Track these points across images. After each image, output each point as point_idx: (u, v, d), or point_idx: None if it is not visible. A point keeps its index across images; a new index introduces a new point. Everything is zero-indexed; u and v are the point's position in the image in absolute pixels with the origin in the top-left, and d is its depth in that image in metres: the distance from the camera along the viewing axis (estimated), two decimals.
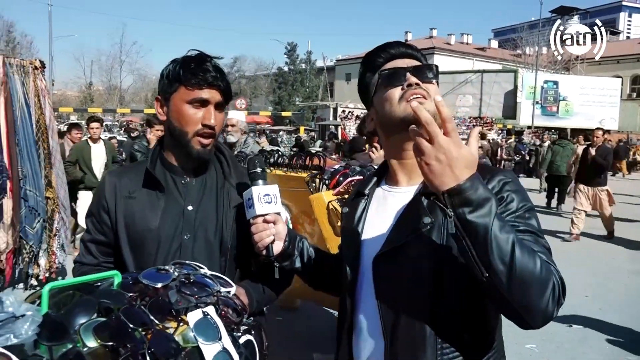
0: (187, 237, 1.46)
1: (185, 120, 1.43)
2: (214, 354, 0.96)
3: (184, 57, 1.48)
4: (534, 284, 0.98)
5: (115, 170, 1.65)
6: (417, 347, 1.16)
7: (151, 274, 1.04)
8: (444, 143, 0.94)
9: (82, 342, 0.83)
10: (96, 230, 1.52)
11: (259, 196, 1.33)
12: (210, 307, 1.02)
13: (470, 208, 0.94)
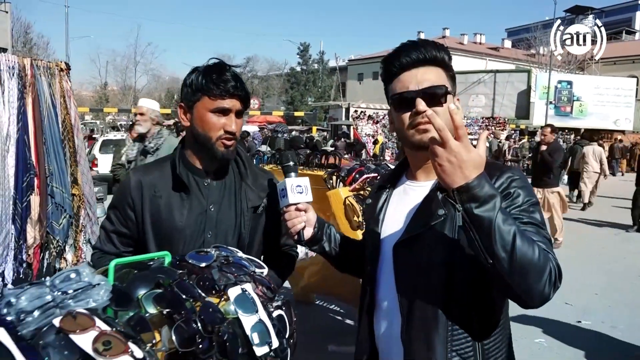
0: (210, 235, 1.60)
1: (209, 127, 1.57)
2: (252, 324, 1.10)
3: (205, 67, 1.60)
4: (533, 270, 1.11)
5: (139, 168, 1.79)
6: (430, 325, 1.29)
7: (195, 256, 1.19)
8: (455, 147, 1.08)
9: (144, 308, 0.97)
10: (120, 223, 1.66)
11: (292, 187, 1.46)
12: (248, 285, 1.16)
13: (477, 203, 1.08)
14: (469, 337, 1.29)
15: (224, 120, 1.56)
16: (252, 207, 1.65)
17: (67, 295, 0.89)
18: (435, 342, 1.28)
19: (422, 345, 1.30)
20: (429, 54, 1.33)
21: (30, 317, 0.83)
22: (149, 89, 54.24)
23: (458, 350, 1.28)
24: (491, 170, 1.27)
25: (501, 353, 1.33)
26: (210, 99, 1.55)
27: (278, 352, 1.15)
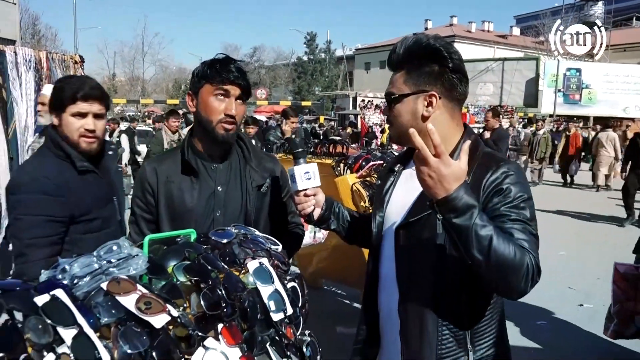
0: (218, 213, 1.76)
1: (211, 110, 1.72)
2: (269, 293, 1.23)
3: (211, 59, 1.76)
4: (509, 269, 1.23)
5: (154, 159, 1.95)
6: (424, 302, 1.43)
7: (217, 233, 1.32)
8: (434, 163, 1.20)
9: (175, 277, 1.11)
10: (142, 210, 1.82)
11: (300, 174, 1.59)
12: (264, 259, 1.29)
13: (455, 214, 1.20)
14: (459, 315, 1.41)
15: (224, 105, 1.71)
16: (257, 186, 1.81)
17: (111, 264, 1.03)
18: (427, 317, 1.41)
19: (415, 319, 1.43)
20: (394, 60, 1.48)
21: (82, 282, 0.97)
22: (156, 80, 54.50)
23: (448, 325, 1.41)
24: (490, 163, 1.39)
25: (490, 329, 1.45)
26: (212, 85, 1.71)
27: (292, 319, 1.29)
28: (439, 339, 1.40)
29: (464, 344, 1.40)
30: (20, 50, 4.95)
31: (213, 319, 1.10)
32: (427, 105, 1.42)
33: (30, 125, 4.85)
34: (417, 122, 1.42)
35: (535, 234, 1.33)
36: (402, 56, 1.46)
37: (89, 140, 2.02)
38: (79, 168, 2.00)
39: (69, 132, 2.00)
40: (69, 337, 0.85)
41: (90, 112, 2.01)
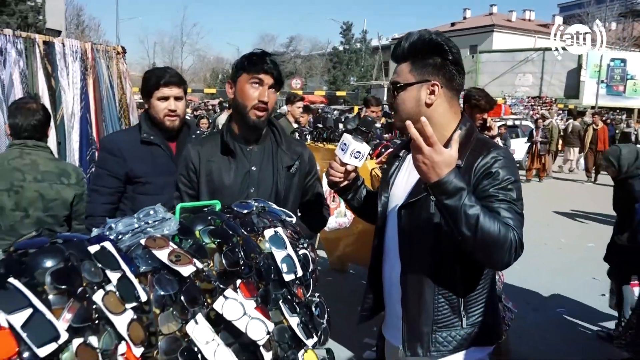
0: (252, 190, 1.96)
1: (246, 97, 1.94)
2: (282, 257, 1.42)
3: (249, 52, 1.99)
4: (493, 244, 1.39)
5: (196, 142, 2.18)
6: (422, 272, 1.59)
7: (239, 205, 1.51)
8: (427, 152, 1.36)
9: (202, 239, 1.31)
10: (186, 186, 2.04)
11: (353, 150, 1.70)
12: (279, 228, 1.48)
13: (446, 196, 1.37)
14: (454, 285, 1.58)
15: (258, 92, 1.93)
16: (286, 166, 2.01)
17: (148, 225, 1.23)
18: (425, 286, 1.58)
19: (415, 288, 1.60)
20: (399, 53, 1.63)
21: (124, 237, 1.18)
22: (194, 69, 55.48)
23: (444, 293, 1.57)
24: (481, 149, 1.55)
25: (482, 299, 1.61)
26: (247, 75, 1.94)
27: (302, 280, 1.48)
28: (435, 306, 1.57)
29: (457, 311, 1.56)
30: (68, 41, 5.28)
31: (232, 275, 1.30)
32: (430, 93, 1.58)
33: (76, 112, 5.18)
34: (420, 109, 1.58)
35: (520, 213, 1.48)
36: (408, 49, 1.61)
37: (171, 118, 2.45)
38: (142, 139, 2.43)
39: (156, 113, 2.44)
40: (115, 278, 1.06)
41: (171, 96, 2.42)
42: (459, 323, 1.58)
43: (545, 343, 3.84)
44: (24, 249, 1.04)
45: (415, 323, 1.59)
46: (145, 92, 2.47)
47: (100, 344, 1.00)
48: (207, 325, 1.19)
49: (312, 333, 1.45)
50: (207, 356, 1.16)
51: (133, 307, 1.07)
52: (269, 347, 1.31)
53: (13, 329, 0.89)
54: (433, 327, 1.57)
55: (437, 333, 1.57)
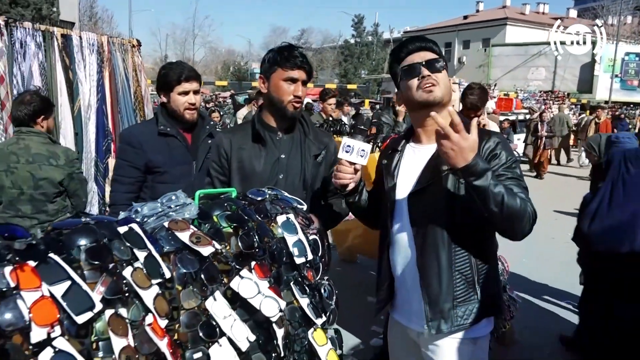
0: (281, 176, 2.05)
1: (282, 92, 2.03)
2: (294, 241, 1.51)
3: (279, 47, 2.07)
4: (517, 217, 1.54)
5: (227, 130, 2.30)
6: (439, 253, 1.69)
7: (254, 192, 1.61)
8: (455, 139, 1.47)
9: (219, 223, 1.41)
10: (217, 172, 2.14)
11: (358, 149, 1.75)
12: (291, 214, 1.57)
13: (475, 177, 1.48)
14: (468, 261, 1.70)
15: (293, 87, 2.02)
16: (314, 155, 2.11)
17: (171, 209, 1.33)
18: (443, 266, 1.68)
19: (434, 268, 1.70)
20: (427, 43, 1.74)
21: (149, 220, 1.28)
22: (206, 62, 55.62)
23: (460, 269, 1.68)
24: (482, 134, 1.65)
25: (490, 274, 1.74)
26: (282, 70, 2.02)
27: (312, 264, 1.58)
28: (454, 283, 1.69)
29: (472, 285, 1.69)
30: (85, 34, 5.40)
31: (248, 257, 1.40)
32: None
33: (92, 104, 5.30)
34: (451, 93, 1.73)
35: (526, 187, 1.64)
36: (432, 44, 1.76)
37: (191, 111, 2.55)
38: (159, 131, 2.52)
39: (176, 107, 2.53)
40: (142, 256, 1.16)
41: (191, 90, 2.53)
42: (475, 297, 1.69)
43: (551, 334, 3.91)
44: (60, 228, 1.15)
45: (437, 302, 1.69)
46: (164, 87, 2.55)
47: (129, 314, 1.11)
48: (225, 301, 1.30)
49: (321, 313, 1.55)
50: (225, 330, 1.26)
51: (158, 283, 1.17)
52: (280, 325, 1.41)
53: (54, 299, 0.99)
54: (454, 302, 1.68)
55: (458, 308, 1.68)
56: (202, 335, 1.23)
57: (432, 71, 1.67)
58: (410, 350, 1.87)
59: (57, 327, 0.99)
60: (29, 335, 0.95)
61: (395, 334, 1.95)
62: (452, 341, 1.71)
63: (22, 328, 0.94)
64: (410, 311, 1.78)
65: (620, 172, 3.22)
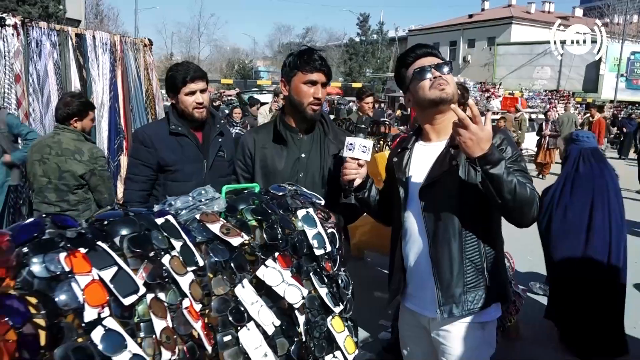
0: (301, 175, 2.14)
1: (302, 95, 2.11)
2: (313, 234, 1.61)
3: (299, 51, 2.16)
4: (527, 204, 1.66)
5: (253, 130, 2.41)
6: (451, 242, 1.80)
7: (275, 187, 1.70)
8: (473, 129, 1.57)
9: (245, 216, 1.50)
10: (242, 170, 2.25)
11: (360, 145, 1.88)
12: (310, 209, 1.67)
13: (490, 165, 1.59)
14: (477, 249, 1.81)
15: (313, 90, 2.10)
16: (333, 154, 2.18)
17: (201, 202, 1.43)
18: (454, 255, 1.79)
19: (445, 257, 1.80)
20: (433, 50, 1.87)
21: (182, 212, 1.38)
22: (211, 60, 55.74)
23: (470, 257, 1.79)
24: None
25: (497, 262, 1.85)
26: (303, 74, 2.10)
27: (330, 256, 1.67)
28: (465, 270, 1.79)
29: (482, 272, 1.79)
30: (98, 34, 5.50)
31: (272, 247, 1.49)
32: None
33: (105, 102, 5.41)
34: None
35: (531, 178, 1.77)
36: (437, 51, 1.90)
37: (200, 110, 2.60)
38: (170, 130, 2.58)
39: (185, 107, 2.58)
40: (178, 246, 1.26)
41: (198, 89, 2.57)
42: (484, 283, 1.80)
43: (554, 329, 3.99)
44: (102, 219, 1.24)
45: (449, 288, 1.79)
46: (172, 89, 2.59)
47: (167, 298, 1.21)
48: (252, 289, 1.39)
49: (339, 302, 1.65)
50: (252, 315, 1.36)
51: (192, 270, 1.27)
52: (302, 311, 1.51)
53: (103, 282, 1.09)
54: (464, 288, 1.78)
55: (468, 294, 1.79)
56: (231, 320, 1.33)
57: (442, 73, 1.79)
58: (420, 337, 1.96)
59: (106, 308, 1.08)
60: (81, 315, 1.05)
61: (407, 321, 2.04)
62: (462, 326, 1.81)
63: (76, 308, 1.04)
64: (423, 298, 1.88)
65: (572, 170, 3.47)
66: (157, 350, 1.14)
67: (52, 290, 1.03)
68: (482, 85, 23.37)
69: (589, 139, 3.70)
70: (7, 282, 1.03)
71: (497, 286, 1.82)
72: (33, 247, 1.06)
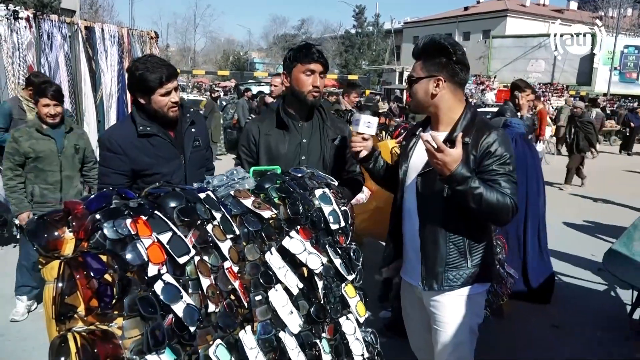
0: (303, 158, 2.35)
1: (302, 84, 2.32)
2: (329, 211, 1.81)
3: (298, 46, 2.38)
4: (495, 211, 1.88)
5: (257, 118, 2.59)
6: (436, 226, 2.01)
7: (295, 170, 1.91)
8: (439, 157, 1.82)
9: (270, 194, 1.71)
10: (246, 155, 2.44)
11: (364, 121, 2.15)
12: (326, 188, 1.87)
13: (457, 184, 1.83)
14: (461, 235, 2.01)
15: (311, 79, 2.32)
16: (331, 139, 2.40)
17: (234, 181, 1.64)
18: (439, 237, 2.00)
19: (431, 237, 2.01)
20: (414, 52, 2.05)
21: (219, 189, 1.59)
22: (206, 51, 55.65)
23: (454, 241, 1.99)
24: (484, 129, 1.98)
25: (481, 246, 2.04)
26: (302, 65, 2.31)
27: (344, 230, 1.88)
28: (447, 251, 1.99)
29: (464, 255, 1.99)
30: (107, 26, 5.66)
31: (294, 221, 1.70)
32: (435, 86, 1.97)
33: (114, 93, 5.58)
34: (428, 98, 2.01)
35: (516, 182, 1.94)
36: (420, 50, 2.02)
37: (174, 109, 2.40)
38: (138, 132, 2.36)
39: (160, 108, 2.36)
40: (218, 217, 1.47)
41: (173, 88, 2.37)
42: (465, 264, 1.99)
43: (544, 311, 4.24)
44: (153, 194, 1.45)
45: (432, 265, 2.00)
46: (143, 90, 2.35)
47: (210, 260, 1.42)
48: (279, 256, 1.60)
49: (351, 271, 1.86)
50: (280, 277, 1.57)
51: (230, 238, 1.48)
52: (321, 277, 1.72)
53: (161, 244, 1.30)
54: (445, 267, 1.98)
55: (449, 272, 1.98)
56: (262, 282, 1.54)
57: (409, 87, 2.05)
58: (417, 307, 2.20)
59: (164, 267, 1.29)
60: (145, 271, 1.26)
61: (406, 293, 2.27)
62: (451, 297, 2.03)
63: (141, 265, 1.25)
64: (415, 272, 2.10)
65: None
66: (203, 303, 1.35)
67: (121, 249, 1.24)
68: (477, 78, 23.60)
69: (518, 125, 4.35)
70: (82, 244, 1.24)
71: (478, 268, 2.01)
72: (104, 214, 1.26)
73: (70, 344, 1.14)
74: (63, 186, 3.78)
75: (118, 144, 2.34)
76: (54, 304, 1.15)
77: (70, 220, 1.24)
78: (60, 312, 1.16)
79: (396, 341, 3.10)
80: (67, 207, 1.26)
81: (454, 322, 2.04)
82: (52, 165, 3.71)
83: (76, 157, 3.82)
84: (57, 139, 3.71)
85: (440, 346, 2.07)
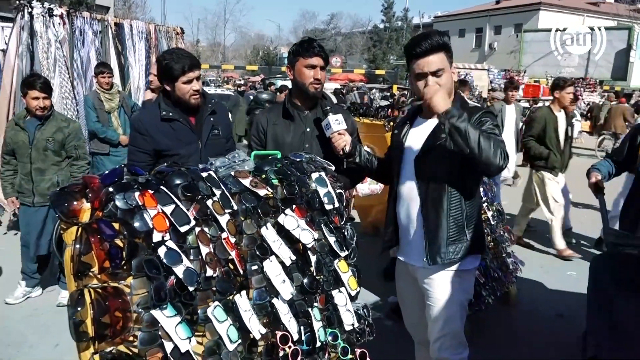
0: (307, 145, 2.52)
1: (304, 77, 2.51)
2: (324, 192, 1.97)
3: (300, 41, 2.58)
4: (491, 152, 1.97)
5: (266, 109, 2.79)
6: (438, 204, 2.15)
7: (294, 155, 2.07)
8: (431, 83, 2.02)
9: (269, 175, 1.88)
10: (256, 143, 2.64)
11: (333, 121, 2.35)
12: (322, 172, 2.03)
13: (456, 118, 1.95)
14: (460, 209, 2.16)
15: (312, 72, 2.51)
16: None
17: (235, 163, 1.82)
18: (441, 214, 2.14)
19: (434, 215, 2.15)
20: (432, 44, 2.12)
21: (220, 170, 1.77)
22: (236, 46, 56.29)
23: (454, 215, 2.14)
24: (475, 111, 2.09)
25: (476, 221, 2.20)
26: (303, 59, 2.50)
27: (338, 210, 2.04)
28: (449, 227, 2.15)
29: (462, 229, 2.16)
30: (135, 23, 5.93)
31: (290, 201, 1.87)
32: (454, 74, 2.19)
33: (142, 87, 5.85)
34: (452, 87, 2.20)
35: (502, 140, 2.07)
36: (442, 44, 2.14)
37: (196, 96, 2.66)
38: (161, 117, 2.64)
39: (182, 95, 2.62)
40: (218, 193, 1.64)
41: (194, 77, 2.63)
42: (464, 237, 2.16)
43: (551, 298, 4.31)
44: (162, 172, 1.64)
45: (435, 241, 2.16)
46: (169, 77, 2.61)
47: (210, 231, 1.60)
48: (274, 230, 1.78)
49: (344, 249, 2.02)
50: (274, 249, 1.74)
51: (229, 212, 1.66)
52: (314, 252, 1.88)
53: (165, 215, 1.48)
54: (447, 241, 2.15)
55: (450, 246, 2.15)
56: (257, 253, 1.71)
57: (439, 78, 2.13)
58: (411, 285, 2.35)
59: (167, 234, 1.48)
60: (150, 237, 1.45)
61: (400, 273, 2.42)
62: (443, 274, 2.18)
63: (147, 232, 1.44)
64: (413, 251, 2.24)
65: None
66: (203, 269, 1.54)
67: (130, 218, 1.43)
68: (506, 73, 23.26)
69: None
70: (97, 212, 1.43)
71: (475, 239, 2.18)
72: (116, 188, 1.45)
73: (86, 297, 1.34)
74: (33, 178, 3.83)
75: (144, 126, 2.64)
76: (72, 262, 1.35)
77: (88, 192, 1.44)
78: (77, 270, 1.35)
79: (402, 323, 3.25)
80: (85, 181, 1.46)
81: (445, 298, 2.20)
82: (24, 157, 3.81)
83: (49, 150, 3.81)
84: (30, 131, 3.77)
85: (433, 320, 2.23)
